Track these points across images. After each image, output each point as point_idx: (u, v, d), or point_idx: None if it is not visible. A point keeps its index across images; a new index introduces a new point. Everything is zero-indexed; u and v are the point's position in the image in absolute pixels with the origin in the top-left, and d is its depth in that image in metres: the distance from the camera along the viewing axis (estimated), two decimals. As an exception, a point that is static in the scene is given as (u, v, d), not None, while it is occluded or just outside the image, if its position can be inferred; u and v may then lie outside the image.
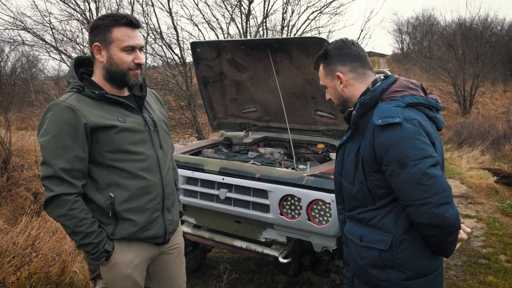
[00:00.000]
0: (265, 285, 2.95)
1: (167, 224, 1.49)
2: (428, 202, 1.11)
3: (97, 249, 1.34)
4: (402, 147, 1.12)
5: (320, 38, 2.22)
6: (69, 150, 1.29)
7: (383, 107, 1.18)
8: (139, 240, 1.43)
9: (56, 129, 1.28)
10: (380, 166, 1.18)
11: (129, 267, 1.42)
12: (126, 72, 1.38)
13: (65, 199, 1.29)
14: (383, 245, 1.22)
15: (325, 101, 2.73)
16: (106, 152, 1.34)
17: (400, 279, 1.22)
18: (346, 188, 1.32)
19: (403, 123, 1.13)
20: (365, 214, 1.27)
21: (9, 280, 2.37)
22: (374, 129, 1.17)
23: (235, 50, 2.52)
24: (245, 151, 2.76)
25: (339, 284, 2.16)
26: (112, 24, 1.33)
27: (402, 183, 1.13)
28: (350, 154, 1.28)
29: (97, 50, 1.36)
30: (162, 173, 1.47)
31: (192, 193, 2.38)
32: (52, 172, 1.28)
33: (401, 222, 1.21)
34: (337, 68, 1.28)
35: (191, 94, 6.83)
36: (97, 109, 1.35)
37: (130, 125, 1.39)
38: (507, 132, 10.09)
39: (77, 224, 1.30)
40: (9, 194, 4.44)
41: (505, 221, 4.90)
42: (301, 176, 2.07)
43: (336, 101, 1.35)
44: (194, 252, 3.06)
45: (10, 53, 12.15)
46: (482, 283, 3.13)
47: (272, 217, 2.11)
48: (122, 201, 1.37)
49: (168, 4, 6.92)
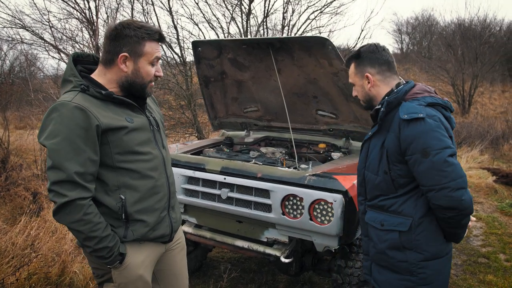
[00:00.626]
0: (266, 284, 2.94)
1: (173, 222, 1.50)
2: (447, 186, 1.28)
3: (111, 252, 1.32)
4: (425, 139, 1.30)
5: (322, 37, 2.21)
6: (81, 153, 1.24)
7: (407, 105, 1.37)
8: (149, 240, 1.42)
9: (66, 131, 1.23)
10: (404, 157, 1.36)
11: (141, 268, 1.41)
12: (147, 84, 1.39)
13: (80, 204, 1.24)
14: (403, 227, 1.38)
15: (327, 100, 2.74)
16: (116, 154, 1.32)
17: (418, 259, 1.38)
18: (369, 179, 1.49)
19: (426, 118, 1.31)
20: (386, 201, 1.43)
21: (8, 281, 2.35)
22: (400, 124, 1.35)
23: (237, 49, 2.51)
24: (247, 151, 2.75)
25: (340, 284, 2.15)
26: (146, 38, 1.32)
27: (425, 170, 1.30)
28: (375, 147, 1.45)
29: (123, 60, 1.33)
30: (168, 172, 1.48)
31: (194, 192, 2.37)
32: (65, 177, 1.22)
33: (420, 207, 1.38)
34: (367, 69, 1.46)
35: (191, 94, 6.81)
36: (104, 109, 1.32)
37: (137, 125, 1.38)
38: (505, 132, 10.11)
39: (92, 229, 1.26)
40: (7, 194, 4.41)
41: (504, 220, 4.92)
42: (303, 175, 2.06)
43: (362, 98, 1.52)
44: (195, 252, 3.05)
45: (9, 52, 12.10)
46: (482, 282, 3.14)
47: (274, 217, 2.10)
48: (134, 202, 1.35)
49: (168, 3, 6.89)
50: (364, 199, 1.57)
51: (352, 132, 2.73)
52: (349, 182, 1.98)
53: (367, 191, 1.52)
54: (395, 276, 1.43)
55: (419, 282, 1.38)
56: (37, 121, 8.18)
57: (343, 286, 2.14)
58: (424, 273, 1.38)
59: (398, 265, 1.41)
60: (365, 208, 1.56)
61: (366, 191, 1.53)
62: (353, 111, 2.56)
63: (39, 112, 6.91)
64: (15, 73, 11.83)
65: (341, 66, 2.29)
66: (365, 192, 1.54)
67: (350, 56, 1.51)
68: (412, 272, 1.39)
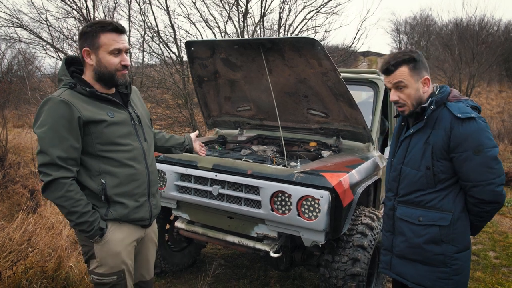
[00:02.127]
0: (258, 280, 3.00)
1: (152, 208, 1.67)
2: (494, 182, 1.40)
3: (92, 227, 1.48)
4: (478, 137, 1.40)
5: (311, 38, 2.27)
6: (64, 141, 1.42)
7: (457, 105, 1.47)
8: (129, 221, 1.59)
9: (52, 121, 1.42)
10: (449, 154, 1.44)
11: (120, 245, 1.56)
12: (114, 73, 1.53)
13: (62, 182, 1.42)
14: (444, 222, 1.47)
15: (317, 99, 2.80)
16: (97, 144, 1.49)
17: (453, 251, 1.48)
18: (408, 175, 1.55)
19: (477, 119, 1.42)
20: (424, 197, 1.51)
21: (6, 274, 2.41)
22: (452, 122, 1.43)
23: (229, 49, 2.57)
24: (238, 149, 2.81)
25: (328, 278, 2.21)
26: (99, 30, 1.48)
27: (475, 166, 1.40)
28: (418, 143, 1.52)
29: (87, 54, 1.50)
30: (148, 162, 1.65)
31: (186, 189, 2.43)
32: (49, 160, 1.41)
33: (458, 202, 1.48)
34: (424, 73, 1.54)
35: (188, 93, 6.87)
36: (89, 104, 1.49)
37: (117, 119, 1.55)
38: (501, 132, 10.17)
39: (73, 205, 1.44)
40: (5, 191, 4.47)
41: (496, 219, 4.98)
42: (292, 173, 2.12)
43: (413, 101, 1.54)
44: (188, 248, 3.11)
45: (7, 51, 12.11)
46: (470, 278, 3.20)
47: (263, 213, 2.16)
48: (113, 186, 1.53)
49: (165, 2, 6.94)
50: (394, 195, 1.62)
51: (342, 131, 2.78)
52: (336, 179, 2.04)
53: (401, 187, 1.58)
54: (428, 268, 1.51)
55: (452, 273, 1.48)
56: (35, 120, 8.19)
57: (330, 280, 2.20)
58: (457, 264, 1.48)
59: (433, 258, 1.49)
60: (394, 204, 1.61)
61: (400, 186, 1.58)
62: (343, 110, 2.62)
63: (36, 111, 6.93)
64: (13, 72, 11.85)
65: (330, 66, 2.35)
66: (397, 188, 1.60)
67: (402, 60, 1.51)
68: (447, 264, 1.48)
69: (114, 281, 1.57)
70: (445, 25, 18.78)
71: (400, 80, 1.52)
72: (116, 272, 1.56)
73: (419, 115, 1.55)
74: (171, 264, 2.96)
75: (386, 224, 1.66)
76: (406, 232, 1.55)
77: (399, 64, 1.52)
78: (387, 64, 1.54)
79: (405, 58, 1.52)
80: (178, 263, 3.02)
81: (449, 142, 1.44)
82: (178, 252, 3.05)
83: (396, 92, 1.54)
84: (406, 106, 1.55)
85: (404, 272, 1.57)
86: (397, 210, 1.59)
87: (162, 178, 2.52)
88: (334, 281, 2.18)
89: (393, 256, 1.62)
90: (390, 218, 1.63)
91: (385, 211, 1.67)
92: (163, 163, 2.49)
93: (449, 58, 15.31)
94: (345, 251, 2.19)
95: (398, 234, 1.59)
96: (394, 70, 1.53)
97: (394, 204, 1.61)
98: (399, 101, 1.54)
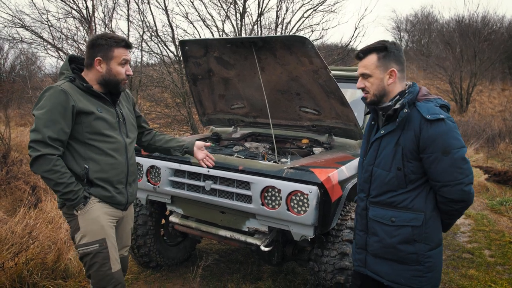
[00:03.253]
0: (251, 274, 3.06)
1: (129, 196, 1.89)
2: (462, 182, 1.42)
3: (77, 195, 1.68)
4: (447, 138, 1.40)
5: (302, 37, 2.31)
6: (57, 124, 1.63)
7: (426, 105, 1.45)
8: (107, 203, 1.80)
9: (50, 106, 1.63)
10: (419, 154, 1.45)
11: (99, 211, 1.76)
12: (120, 81, 1.79)
13: (49, 157, 1.62)
14: (416, 222, 1.48)
15: (309, 97, 2.85)
16: (86, 132, 1.72)
17: (426, 250, 1.50)
18: (379, 176, 1.55)
19: (446, 119, 1.41)
20: (396, 198, 1.51)
21: (8, 265, 2.49)
22: (421, 123, 1.42)
23: (222, 48, 2.62)
24: (231, 145, 2.87)
25: (317, 272, 2.26)
26: (114, 45, 1.74)
27: (444, 167, 1.41)
28: (389, 145, 1.52)
29: (98, 63, 1.75)
30: (128, 155, 1.86)
31: (180, 184, 2.49)
32: (41, 138, 1.61)
33: (430, 201, 1.49)
34: (393, 65, 1.50)
35: (186, 91, 6.92)
36: (83, 97, 1.72)
37: (104, 115, 1.77)
38: (502, 131, 10.15)
39: (60, 177, 1.63)
40: (8, 187, 4.57)
41: (493, 217, 4.99)
42: (281, 168, 2.17)
43: (375, 91, 1.53)
44: (183, 243, 3.18)
45: (9, 51, 12.25)
46: (464, 276, 3.23)
47: (254, 207, 2.22)
48: (95, 171, 1.74)
49: (164, 2, 6.99)
50: (366, 195, 1.61)
51: (334, 128, 2.83)
52: (325, 175, 2.09)
53: (373, 188, 1.57)
54: (402, 267, 1.52)
55: (425, 270, 1.50)
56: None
57: (319, 273, 2.25)
58: (430, 262, 1.51)
59: (407, 257, 1.51)
60: (366, 204, 1.61)
61: (371, 187, 1.58)
62: (334, 107, 2.66)
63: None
64: (16, 72, 11.98)
65: (320, 64, 2.39)
66: (369, 189, 1.59)
67: (373, 48, 1.50)
68: (420, 262, 1.50)
69: (96, 249, 1.72)
70: (446, 22, 18.68)
71: (365, 72, 1.52)
72: (98, 240, 1.73)
73: (391, 117, 1.52)
74: (166, 258, 3.02)
75: (360, 223, 1.66)
76: (379, 232, 1.56)
77: (369, 51, 1.51)
78: (359, 50, 1.55)
79: (376, 46, 1.51)
80: (173, 257, 3.09)
81: (418, 143, 1.44)
82: (174, 246, 3.11)
83: (362, 80, 1.56)
84: (369, 94, 1.55)
85: (379, 270, 1.58)
86: (369, 211, 1.60)
87: (157, 173, 2.58)
88: (323, 275, 2.22)
89: (367, 254, 1.62)
90: (363, 218, 1.63)
91: (358, 211, 1.68)
92: (158, 159, 2.55)
93: (450, 56, 15.24)
94: (334, 246, 2.23)
95: (371, 234, 1.59)
96: (363, 57, 1.53)
97: (366, 205, 1.61)
98: (365, 88, 1.55)
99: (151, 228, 2.87)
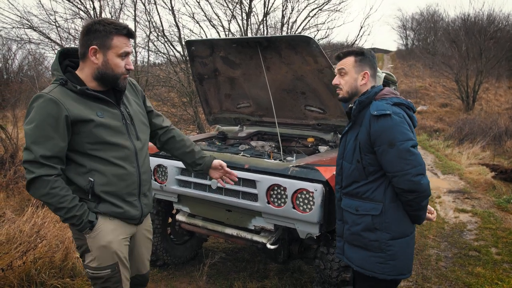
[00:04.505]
0: (257, 273, 3.08)
1: (143, 208, 1.65)
2: (408, 172, 1.51)
3: (81, 220, 1.47)
4: (391, 132, 1.52)
5: (307, 36, 2.33)
6: (49, 139, 1.40)
7: (377, 103, 1.59)
8: (118, 218, 1.58)
9: (40, 119, 1.40)
10: (373, 148, 1.57)
11: (110, 235, 1.55)
12: (119, 76, 1.50)
13: (46, 179, 1.40)
14: (375, 212, 1.60)
15: (314, 96, 2.86)
16: (86, 143, 1.47)
17: (387, 238, 1.60)
18: (345, 168, 1.70)
19: (392, 115, 1.53)
20: (359, 189, 1.64)
21: (16, 264, 2.53)
22: (370, 119, 1.56)
23: (228, 47, 2.64)
24: (237, 144, 2.88)
25: (323, 269, 2.27)
26: (114, 32, 1.45)
27: (390, 158, 1.53)
28: (351, 140, 1.67)
29: (93, 52, 1.46)
30: (139, 162, 1.61)
31: (186, 183, 2.51)
32: (33, 158, 1.40)
33: (388, 193, 1.60)
34: (367, 68, 1.68)
35: (192, 91, 6.96)
36: (78, 102, 1.46)
37: (107, 120, 1.51)
38: (509, 128, 10.06)
39: (59, 201, 1.42)
40: (16, 186, 4.63)
41: (500, 215, 4.95)
42: (287, 167, 2.19)
43: (348, 89, 1.69)
44: (190, 241, 3.20)
45: (17, 51, 12.39)
46: (470, 273, 3.22)
47: (260, 206, 2.23)
48: (101, 184, 1.51)
49: (170, 2, 7.03)
50: (340, 187, 1.76)
51: (339, 127, 2.84)
52: (330, 173, 2.10)
53: (343, 179, 1.73)
54: (368, 253, 1.64)
55: (388, 258, 1.61)
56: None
57: (325, 271, 2.26)
58: (392, 250, 1.60)
59: (370, 244, 1.63)
60: (340, 195, 1.76)
61: (342, 179, 1.73)
62: (339, 106, 2.67)
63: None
64: (24, 72, 12.12)
65: (325, 63, 2.40)
66: (341, 181, 1.74)
67: (352, 51, 1.69)
68: (382, 249, 1.61)
69: (108, 274, 1.56)
70: (452, 21, 18.54)
71: (343, 67, 1.68)
72: (110, 265, 1.56)
73: (349, 115, 1.70)
74: (173, 256, 3.05)
75: (338, 213, 1.80)
76: (348, 220, 1.70)
77: (348, 54, 1.69)
78: (340, 52, 1.74)
79: (355, 50, 1.70)
80: (180, 256, 3.11)
81: (369, 138, 1.57)
82: (180, 245, 3.14)
83: (338, 77, 1.71)
84: (342, 91, 1.70)
85: (350, 256, 1.72)
86: (342, 201, 1.74)
87: (163, 172, 2.61)
88: (329, 272, 2.24)
89: (344, 242, 1.75)
90: (339, 208, 1.77)
91: (336, 202, 1.83)
92: (165, 158, 2.58)
93: (456, 54, 15.12)
94: (340, 243, 2.25)
95: (344, 222, 1.74)
96: (343, 58, 1.69)
97: (340, 196, 1.76)
98: (339, 85, 1.70)
99: (158, 227, 2.89)
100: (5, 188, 4.54)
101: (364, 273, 1.65)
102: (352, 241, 1.69)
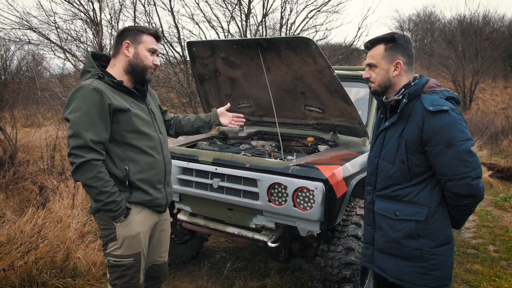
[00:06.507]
0: (258, 272, 3.10)
1: (168, 196, 1.81)
2: (468, 175, 1.36)
3: (119, 206, 1.58)
4: (450, 130, 1.35)
5: (306, 37, 2.36)
6: (96, 125, 1.53)
7: (430, 97, 1.41)
8: (148, 207, 1.71)
9: (86, 107, 1.52)
10: (423, 147, 1.40)
11: (140, 226, 1.68)
12: (147, 69, 1.70)
13: (94, 163, 1.52)
14: (420, 217, 1.43)
15: (314, 96, 2.89)
16: (123, 131, 1.62)
17: (431, 246, 1.45)
18: (384, 168, 1.52)
19: (450, 111, 1.36)
20: (400, 191, 1.47)
21: (17, 264, 2.54)
22: (424, 115, 1.38)
23: (228, 49, 2.66)
24: (238, 144, 2.91)
25: (323, 267, 2.30)
26: (143, 31, 1.69)
27: (448, 160, 1.36)
28: (393, 137, 1.49)
29: (126, 46, 1.66)
30: (164, 152, 1.79)
31: (188, 182, 2.53)
32: (83, 143, 1.50)
33: (435, 196, 1.44)
34: (399, 57, 1.48)
35: (192, 91, 6.98)
36: (115, 94, 1.63)
37: (138, 111, 1.69)
38: (505, 128, 10.15)
39: (104, 185, 1.54)
40: (15, 187, 4.63)
41: (497, 213, 5.01)
42: (288, 165, 2.21)
43: (380, 82, 1.52)
44: (191, 241, 3.22)
45: (16, 52, 12.33)
46: (468, 271, 3.26)
47: (261, 204, 2.26)
48: (135, 172, 1.64)
49: (169, 4, 7.05)
50: (373, 189, 1.59)
51: (338, 126, 2.86)
52: (330, 171, 2.13)
53: (379, 181, 1.55)
54: (406, 263, 1.48)
55: (431, 268, 1.44)
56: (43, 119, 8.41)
57: (326, 269, 2.29)
58: (436, 259, 1.44)
59: (411, 253, 1.46)
60: (373, 198, 1.59)
61: (377, 180, 1.55)
62: (338, 106, 2.70)
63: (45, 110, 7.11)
64: (22, 73, 12.08)
65: (324, 64, 2.43)
66: (375, 182, 1.57)
67: (381, 38, 1.49)
68: (424, 259, 1.44)
69: (131, 262, 1.65)
70: (448, 22, 18.68)
71: (371, 62, 1.53)
72: (134, 254, 1.65)
73: (394, 108, 1.50)
74: (174, 256, 3.07)
75: (367, 217, 1.64)
76: (383, 226, 1.53)
77: (377, 42, 1.51)
78: (368, 40, 1.55)
79: (384, 36, 1.50)
80: (181, 255, 3.13)
81: (421, 135, 1.40)
82: (181, 244, 3.16)
83: (369, 70, 1.56)
84: (374, 84, 1.55)
85: (384, 266, 1.55)
86: (375, 204, 1.58)
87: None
88: (329, 270, 2.26)
89: (374, 249, 1.59)
90: (370, 212, 1.61)
91: (365, 205, 1.67)
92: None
93: (452, 54, 15.23)
94: (340, 241, 2.27)
95: (377, 228, 1.57)
96: (371, 47, 1.53)
97: (372, 198, 1.60)
98: (370, 78, 1.55)
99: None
100: (5, 189, 4.54)
101: (403, 285, 1.49)
102: (387, 250, 1.52)
